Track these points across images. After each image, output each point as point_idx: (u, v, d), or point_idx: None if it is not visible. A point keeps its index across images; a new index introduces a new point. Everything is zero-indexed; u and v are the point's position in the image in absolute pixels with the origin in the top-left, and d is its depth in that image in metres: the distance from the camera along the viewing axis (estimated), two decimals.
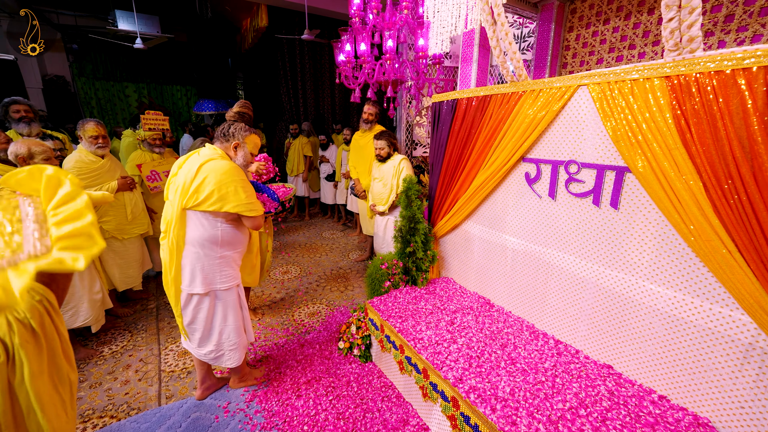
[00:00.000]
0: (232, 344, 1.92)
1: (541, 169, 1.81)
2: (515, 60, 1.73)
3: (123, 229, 2.91)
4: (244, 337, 1.97)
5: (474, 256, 2.36)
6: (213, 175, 1.65)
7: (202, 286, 1.76)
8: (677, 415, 1.39)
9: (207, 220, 1.71)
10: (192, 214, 1.70)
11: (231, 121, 1.90)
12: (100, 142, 2.71)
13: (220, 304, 1.85)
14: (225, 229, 1.77)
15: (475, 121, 2.12)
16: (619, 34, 2.79)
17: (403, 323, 2.05)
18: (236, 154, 1.84)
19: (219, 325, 1.86)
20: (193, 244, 1.72)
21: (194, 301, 1.80)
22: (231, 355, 1.93)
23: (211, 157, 1.71)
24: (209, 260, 1.75)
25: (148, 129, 3.19)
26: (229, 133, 1.82)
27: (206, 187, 1.64)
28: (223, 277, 1.81)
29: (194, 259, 1.73)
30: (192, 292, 1.77)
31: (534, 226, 1.92)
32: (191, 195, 1.65)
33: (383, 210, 3.20)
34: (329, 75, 6.68)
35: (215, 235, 1.74)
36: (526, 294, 2.03)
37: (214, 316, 1.85)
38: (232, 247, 1.83)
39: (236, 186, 1.68)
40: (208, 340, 1.88)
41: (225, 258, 1.81)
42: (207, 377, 2.09)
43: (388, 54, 2.61)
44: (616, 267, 1.58)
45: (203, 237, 1.72)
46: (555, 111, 1.66)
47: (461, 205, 2.31)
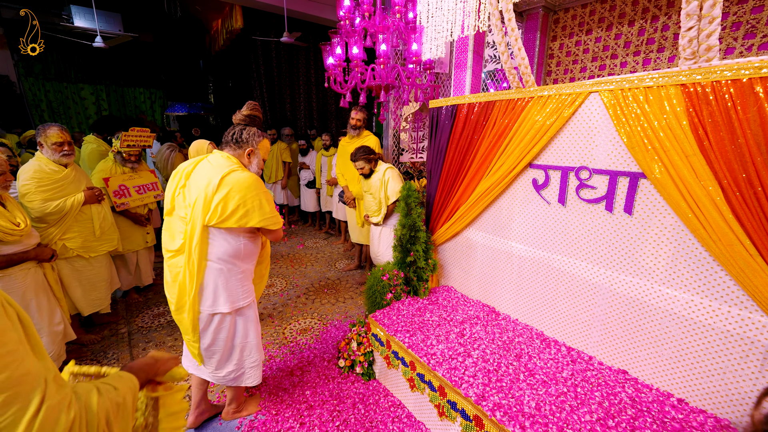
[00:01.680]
0: (254, 361, 1.81)
1: (549, 176, 1.80)
2: (523, 66, 1.72)
3: (89, 246, 2.61)
4: (263, 352, 1.89)
5: (477, 263, 2.32)
6: (237, 189, 1.53)
7: (226, 304, 1.65)
8: (699, 418, 1.40)
9: (230, 234, 1.61)
10: (215, 230, 1.58)
11: (242, 125, 1.72)
12: (65, 150, 2.43)
13: (242, 321, 1.74)
14: (246, 243, 1.67)
15: (477, 127, 2.09)
16: (602, 44, 2.89)
17: (412, 338, 1.96)
18: (250, 162, 1.70)
19: (240, 342, 1.76)
20: (218, 261, 1.61)
21: (216, 322, 1.67)
22: (252, 372, 1.82)
23: (231, 168, 1.57)
24: (233, 275, 1.65)
25: (126, 146, 2.90)
26: (243, 139, 1.67)
27: (231, 202, 1.52)
28: (244, 292, 1.72)
29: (217, 276, 1.62)
30: (215, 312, 1.65)
31: (542, 232, 1.90)
32: (214, 211, 1.52)
33: (377, 221, 3.10)
34: (305, 79, 6.52)
35: (238, 249, 1.64)
36: (534, 301, 2.01)
37: (236, 334, 1.74)
38: (251, 260, 1.74)
39: (261, 199, 1.58)
40: (228, 360, 1.76)
41: (246, 272, 1.72)
42: (202, 401, 1.92)
43: (382, 58, 2.54)
44: (631, 272, 1.58)
45: (228, 252, 1.62)
46: (566, 117, 1.65)
47: (463, 212, 2.27)
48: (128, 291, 3.34)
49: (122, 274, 3.15)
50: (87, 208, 2.58)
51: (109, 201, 2.83)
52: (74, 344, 2.60)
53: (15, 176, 2.33)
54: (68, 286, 2.56)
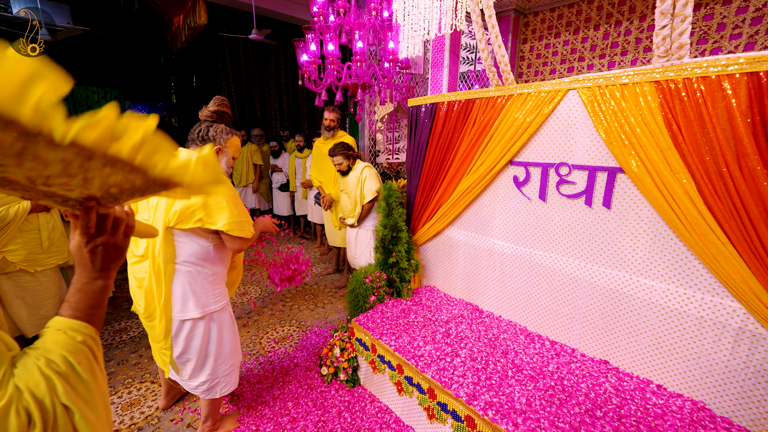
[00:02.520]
0: (228, 368, 1.71)
1: (530, 172, 1.83)
2: (503, 63, 1.73)
3: (35, 259, 2.35)
4: (239, 355, 1.80)
5: (459, 262, 2.31)
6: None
7: (197, 309, 1.56)
8: (678, 402, 1.45)
9: (197, 235, 1.52)
10: (181, 232, 1.50)
11: (209, 122, 1.61)
12: None
13: (215, 326, 1.64)
14: (216, 245, 1.59)
15: (458, 126, 2.08)
16: (570, 47, 3.01)
17: (398, 340, 1.91)
18: (219, 161, 1.54)
19: (215, 350, 1.66)
20: (186, 264, 1.53)
21: (187, 328, 1.57)
22: (226, 380, 1.72)
23: None
24: (202, 278, 1.57)
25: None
26: (209, 137, 1.57)
27: (194, 204, 1.44)
28: (216, 296, 1.63)
29: (186, 280, 1.54)
30: (185, 318, 1.56)
31: (523, 228, 1.92)
32: (177, 212, 1.43)
33: (352, 222, 3.04)
34: (276, 79, 6.33)
35: (207, 251, 1.56)
36: (517, 297, 2.03)
37: (209, 341, 1.64)
38: (222, 262, 1.66)
39: (228, 201, 1.47)
40: (202, 370, 1.66)
41: (217, 275, 1.63)
42: (173, 387, 1.98)
43: (359, 55, 2.49)
44: (610, 264, 1.63)
45: (196, 254, 1.54)
46: (545, 114, 1.68)
47: (445, 211, 2.26)
48: None
49: None
50: (34, 217, 2.32)
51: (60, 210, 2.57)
52: None
53: None
54: (9, 305, 2.28)
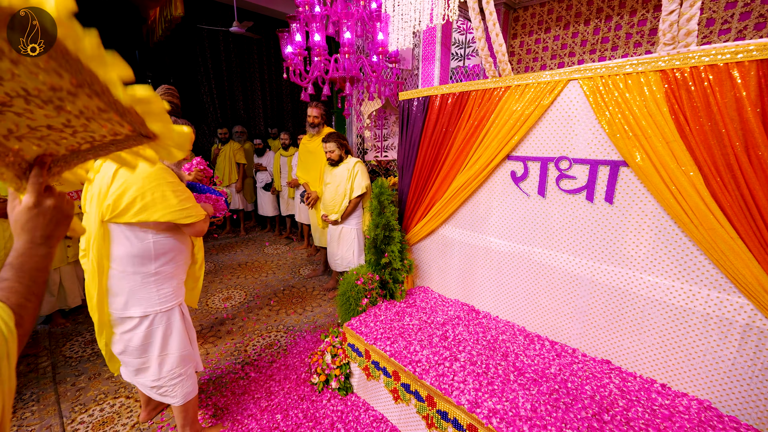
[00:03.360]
0: (174, 376, 1.59)
1: (528, 167, 1.76)
2: (500, 53, 1.65)
3: None
4: (190, 367, 1.65)
5: (454, 261, 2.23)
6: (134, 180, 1.36)
7: (137, 308, 1.48)
8: (684, 402, 1.41)
9: (133, 232, 1.43)
10: (115, 227, 1.42)
11: None
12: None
13: (160, 329, 1.54)
14: (159, 241, 1.49)
15: (452, 120, 2.00)
16: (560, 42, 2.98)
17: (394, 345, 1.81)
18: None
19: (158, 354, 1.55)
20: (120, 262, 1.44)
21: (126, 326, 1.49)
22: (173, 390, 1.60)
23: None
24: (142, 278, 1.47)
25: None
26: None
27: (127, 195, 1.35)
28: (162, 296, 1.53)
29: (122, 279, 1.45)
30: (124, 316, 1.48)
31: (521, 225, 1.86)
32: (110, 205, 1.36)
33: (335, 218, 2.93)
34: (259, 75, 6.13)
35: (146, 249, 1.46)
36: (515, 297, 1.96)
37: (151, 344, 1.54)
38: (169, 260, 1.55)
39: (164, 190, 1.39)
40: (146, 372, 1.57)
41: (162, 274, 1.52)
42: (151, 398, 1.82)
43: (347, 47, 2.38)
44: (612, 261, 1.58)
45: (131, 253, 1.44)
46: (545, 106, 1.61)
47: (439, 209, 2.17)
48: (51, 315, 2.83)
49: None
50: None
51: None
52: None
53: None
54: None
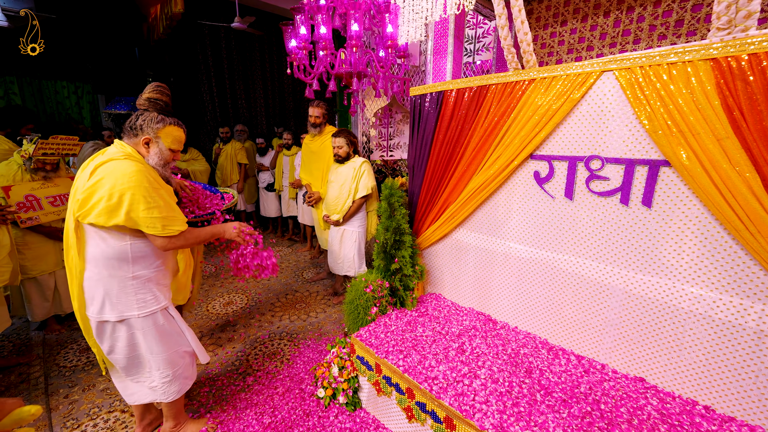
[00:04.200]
0: (165, 377, 1.56)
1: (554, 167, 1.62)
2: (525, 42, 1.52)
3: None
4: (182, 366, 1.61)
5: (468, 267, 2.10)
6: (108, 179, 1.30)
7: (112, 312, 1.42)
8: (732, 428, 1.27)
9: (108, 233, 1.37)
10: (90, 227, 1.37)
11: (141, 110, 1.48)
12: None
13: (140, 334, 1.48)
14: (137, 244, 1.42)
15: (469, 117, 1.87)
16: (577, 35, 2.83)
17: (407, 359, 1.68)
18: (148, 152, 1.47)
19: (145, 356, 1.52)
20: (96, 264, 1.39)
21: (108, 329, 1.45)
22: (165, 388, 1.58)
23: (112, 156, 1.36)
24: (119, 282, 1.41)
25: (42, 154, 2.30)
26: (137, 126, 1.44)
27: (96, 193, 1.30)
28: (140, 301, 1.45)
29: (97, 282, 1.40)
30: (102, 320, 1.43)
31: (545, 230, 1.72)
32: (79, 201, 1.32)
33: (337, 218, 2.80)
34: (261, 72, 6.01)
35: (123, 251, 1.39)
36: (536, 306, 1.83)
37: (136, 346, 1.50)
38: (148, 264, 1.47)
39: (135, 193, 1.32)
40: (136, 372, 1.55)
41: (140, 278, 1.45)
42: (146, 411, 1.74)
43: (354, 40, 2.24)
44: (649, 271, 1.43)
45: (107, 254, 1.38)
46: (574, 100, 1.47)
47: (453, 212, 2.04)
48: (46, 321, 2.72)
49: (36, 302, 2.54)
50: None
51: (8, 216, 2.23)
52: None
53: None
54: None
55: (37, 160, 2.33)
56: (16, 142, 2.84)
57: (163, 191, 1.42)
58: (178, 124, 1.53)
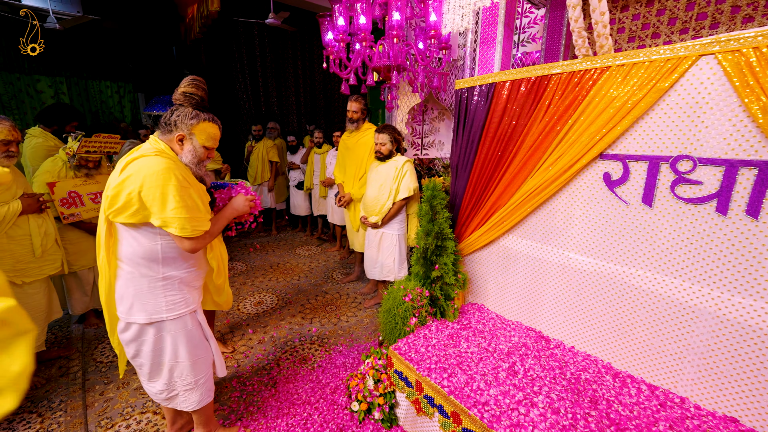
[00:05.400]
0: (187, 384, 1.51)
1: (630, 169, 1.41)
2: (601, 24, 1.32)
3: (25, 269, 2.06)
4: (205, 375, 1.56)
5: (517, 277, 1.91)
6: (137, 177, 1.25)
7: (141, 313, 1.38)
8: None
9: (140, 232, 1.32)
10: (122, 226, 1.33)
11: (177, 105, 1.41)
12: (11, 150, 1.96)
13: (169, 337, 1.44)
14: (168, 244, 1.37)
15: (524, 111, 1.68)
16: (640, 21, 2.55)
17: (452, 379, 1.52)
18: (182, 149, 1.40)
19: (169, 361, 1.47)
20: (127, 263, 1.35)
21: (134, 331, 1.40)
22: (187, 396, 1.53)
23: (144, 153, 1.32)
24: (149, 282, 1.37)
25: (85, 152, 2.34)
26: (171, 122, 1.38)
27: (125, 191, 1.25)
28: (170, 303, 1.41)
29: (128, 281, 1.36)
30: (130, 321, 1.39)
31: (615, 240, 1.51)
32: (109, 198, 1.28)
33: (376, 221, 2.67)
34: (293, 70, 6.00)
35: (154, 250, 1.35)
36: (599, 326, 1.62)
37: (162, 351, 1.45)
38: (179, 265, 1.42)
39: (165, 191, 1.26)
40: (158, 377, 1.49)
41: (170, 279, 1.40)
42: (178, 415, 1.71)
43: (395, 30, 2.10)
44: (753, 293, 1.20)
45: (138, 254, 1.34)
46: (661, 90, 1.26)
47: (502, 216, 1.85)
48: (85, 315, 2.77)
49: (76, 296, 2.59)
50: (24, 220, 2.03)
51: (54, 210, 2.27)
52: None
53: None
54: None
55: (81, 157, 2.36)
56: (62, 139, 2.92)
57: (192, 190, 1.35)
58: (213, 121, 1.45)
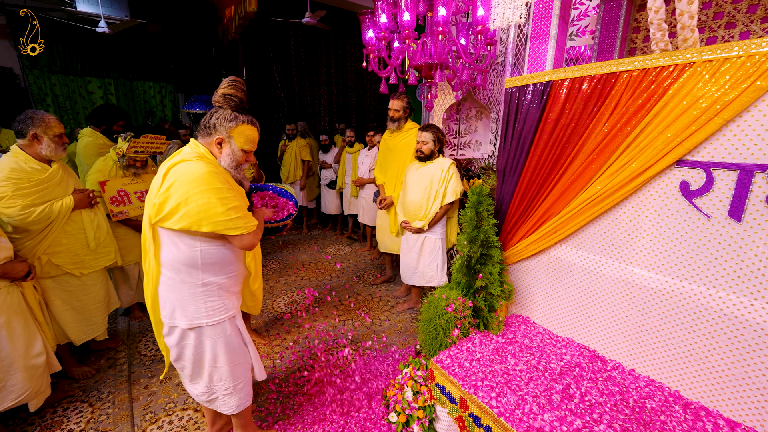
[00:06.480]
0: (227, 389, 1.52)
1: (714, 177, 1.25)
2: (687, 15, 1.17)
3: (82, 261, 2.15)
4: (243, 380, 1.57)
5: (570, 291, 1.77)
6: (181, 183, 1.25)
7: (182, 319, 1.40)
8: None
9: (180, 238, 1.33)
10: (163, 231, 1.34)
11: (216, 107, 1.39)
12: (66, 142, 2.06)
13: (209, 342, 1.45)
14: (208, 250, 1.37)
15: (586, 112, 1.54)
16: (712, 9, 2.30)
17: (501, 399, 1.43)
18: (221, 152, 1.39)
19: (209, 366, 1.48)
20: (169, 269, 1.37)
21: (177, 335, 1.43)
22: (226, 400, 1.54)
23: (185, 158, 1.32)
24: (189, 289, 1.38)
25: (134, 152, 2.43)
26: (210, 125, 1.36)
27: (171, 199, 1.25)
28: (210, 309, 1.42)
29: (170, 287, 1.38)
30: (173, 325, 1.41)
31: (691, 257, 1.35)
32: (156, 208, 1.28)
33: (422, 226, 2.58)
34: (325, 69, 6.01)
35: (193, 257, 1.35)
36: (665, 349, 1.46)
37: (203, 355, 1.47)
38: (218, 271, 1.42)
39: (210, 197, 1.26)
40: (198, 379, 1.51)
41: (209, 285, 1.40)
42: (218, 416, 1.72)
43: (441, 26, 2.00)
44: None
45: (178, 260, 1.34)
46: (761, 89, 1.10)
47: (555, 225, 1.72)
48: (130, 308, 2.89)
49: (122, 289, 2.70)
50: (77, 215, 2.12)
51: (105, 208, 2.37)
52: (62, 378, 2.14)
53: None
54: (57, 311, 2.10)
55: (129, 157, 2.44)
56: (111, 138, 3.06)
57: (234, 191, 1.35)
58: (251, 123, 1.43)
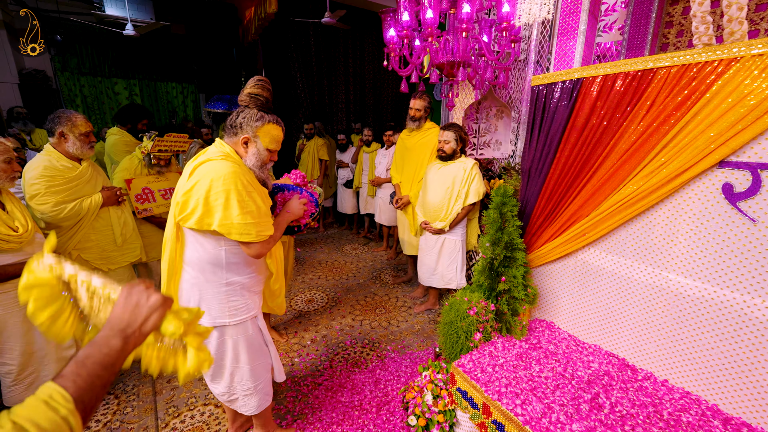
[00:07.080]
0: (247, 389, 1.53)
1: (762, 179, 1.17)
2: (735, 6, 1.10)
3: (109, 257, 2.22)
4: (264, 380, 1.57)
5: (598, 296, 1.71)
6: (203, 182, 1.25)
7: (205, 317, 1.40)
8: None
9: (205, 237, 1.33)
10: (188, 231, 1.35)
11: (242, 106, 1.39)
12: (93, 141, 2.12)
13: (231, 342, 1.46)
14: (231, 249, 1.37)
15: (618, 111, 1.48)
16: (754, 1, 2.18)
17: (526, 407, 1.38)
18: (246, 152, 1.39)
19: (230, 365, 1.48)
20: (193, 267, 1.37)
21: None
22: (246, 401, 1.55)
23: (210, 157, 1.32)
24: (213, 288, 1.38)
25: (158, 150, 2.50)
26: (236, 124, 1.37)
27: (194, 197, 1.26)
28: (232, 309, 1.42)
29: (193, 285, 1.38)
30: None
31: (734, 263, 1.27)
32: (180, 206, 1.29)
33: (443, 226, 2.55)
34: (343, 68, 6.03)
35: (218, 256, 1.36)
36: (705, 361, 1.39)
37: (224, 355, 1.47)
38: (242, 270, 1.43)
39: (229, 197, 1.25)
40: (219, 379, 1.51)
41: (233, 285, 1.41)
42: (238, 415, 1.73)
43: (465, 23, 1.96)
44: None
45: (203, 259, 1.35)
46: None
47: (584, 228, 1.66)
48: None
49: None
50: (105, 212, 2.18)
51: (130, 205, 2.43)
52: None
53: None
54: None
55: (154, 155, 2.50)
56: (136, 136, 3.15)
57: (256, 194, 1.33)
58: (276, 122, 1.43)
